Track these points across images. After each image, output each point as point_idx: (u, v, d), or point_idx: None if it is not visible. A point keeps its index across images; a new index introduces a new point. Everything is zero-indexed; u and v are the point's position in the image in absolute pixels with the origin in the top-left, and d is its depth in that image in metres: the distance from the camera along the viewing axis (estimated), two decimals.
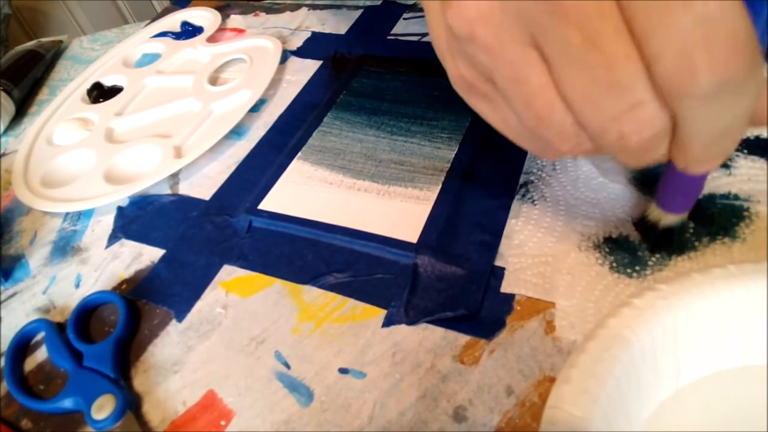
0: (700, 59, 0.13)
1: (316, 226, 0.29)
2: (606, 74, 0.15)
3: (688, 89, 0.14)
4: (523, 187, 0.28)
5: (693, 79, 0.14)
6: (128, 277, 0.29)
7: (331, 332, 0.25)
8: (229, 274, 0.28)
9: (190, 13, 0.49)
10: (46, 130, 0.40)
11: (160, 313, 0.27)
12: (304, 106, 0.37)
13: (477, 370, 0.22)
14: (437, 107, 0.34)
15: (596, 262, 0.24)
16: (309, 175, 0.32)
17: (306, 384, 0.23)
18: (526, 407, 0.21)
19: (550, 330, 0.23)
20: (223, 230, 0.30)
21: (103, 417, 0.23)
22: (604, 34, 0.14)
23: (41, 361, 0.27)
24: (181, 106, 0.39)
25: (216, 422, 0.23)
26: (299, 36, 0.44)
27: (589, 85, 0.15)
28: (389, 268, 0.26)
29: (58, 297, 0.30)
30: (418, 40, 0.41)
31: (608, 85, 0.15)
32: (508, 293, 0.24)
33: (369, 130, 0.34)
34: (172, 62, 0.44)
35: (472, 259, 0.26)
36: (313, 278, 0.27)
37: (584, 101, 0.16)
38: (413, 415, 0.21)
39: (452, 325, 0.24)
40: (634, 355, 0.17)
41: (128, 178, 0.34)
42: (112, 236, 0.32)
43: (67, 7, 0.85)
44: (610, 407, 0.16)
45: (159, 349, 0.26)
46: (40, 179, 0.36)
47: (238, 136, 0.36)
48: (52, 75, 0.49)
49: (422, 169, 0.31)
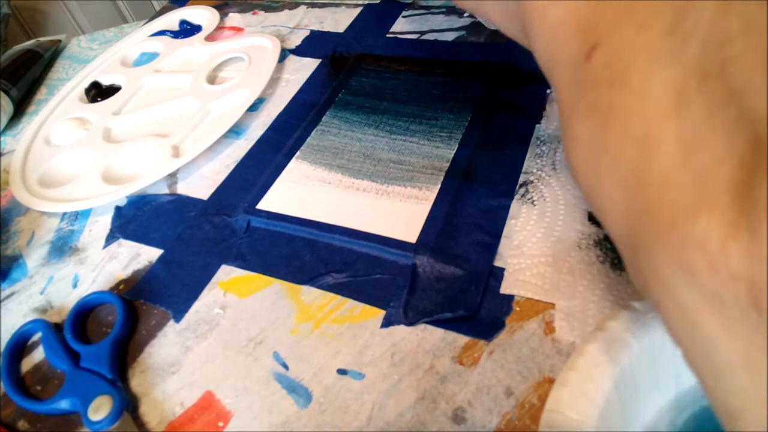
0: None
1: (314, 226, 0.29)
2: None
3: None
4: (523, 186, 0.28)
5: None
6: (126, 278, 0.29)
7: (330, 333, 0.25)
8: (227, 274, 0.28)
9: (188, 11, 0.49)
10: (44, 130, 0.40)
11: (157, 313, 0.27)
12: (302, 105, 0.37)
13: (476, 371, 0.22)
14: (436, 106, 0.34)
15: (597, 259, 0.24)
16: (308, 175, 0.32)
17: (304, 385, 0.23)
18: (525, 409, 0.21)
19: (550, 331, 0.23)
20: (221, 230, 0.30)
21: (100, 418, 0.23)
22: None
23: (38, 362, 0.27)
24: (179, 106, 0.39)
25: (214, 423, 0.23)
26: (298, 34, 0.44)
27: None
28: (388, 269, 0.26)
29: (55, 297, 0.29)
30: (417, 38, 0.40)
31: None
32: (508, 294, 0.24)
33: (368, 129, 0.34)
34: (170, 61, 0.44)
35: (472, 259, 0.26)
36: (311, 278, 0.27)
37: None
38: (412, 416, 0.21)
39: (451, 326, 0.24)
40: (634, 358, 0.17)
41: (126, 178, 0.34)
42: (110, 236, 0.32)
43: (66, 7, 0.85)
44: (609, 411, 0.16)
45: (156, 350, 0.26)
46: (38, 179, 0.36)
47: (237, 136, 0.36)
48: (50, 74, 0.49)
49: (421, 168, 0.30)
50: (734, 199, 0.11)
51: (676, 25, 0.13)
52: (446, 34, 0.40)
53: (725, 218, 0.11)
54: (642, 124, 0.13)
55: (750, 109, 0.11)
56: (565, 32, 0.16)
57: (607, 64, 0.15)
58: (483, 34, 0.39)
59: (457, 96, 0.34)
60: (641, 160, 0.13)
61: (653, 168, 0.13)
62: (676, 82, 0.13)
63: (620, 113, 0.14)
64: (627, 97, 0.14)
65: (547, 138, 0.30)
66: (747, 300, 0.11)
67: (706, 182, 0.12)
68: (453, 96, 0.35)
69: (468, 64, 0.36)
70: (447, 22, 0.41)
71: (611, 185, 0.14)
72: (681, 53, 0.13)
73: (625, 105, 0.14)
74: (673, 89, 0.13)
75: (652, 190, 0.13)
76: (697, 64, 0.13)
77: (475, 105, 0.33)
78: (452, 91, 0.35)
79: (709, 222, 0.12)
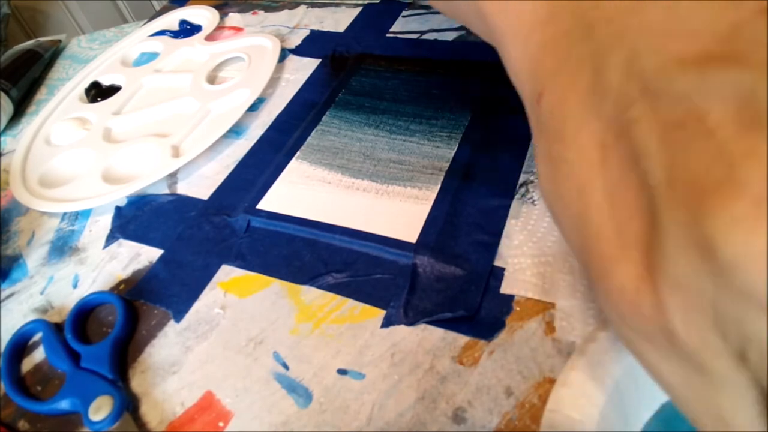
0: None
1: (314, 225, 0.29)
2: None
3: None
4: (523, 186, 0.28)
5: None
6: (126, 278, 0.29)
7: (330, 333, 0.25)
8: (227, 274, 0.28)
9: (188, 11, 0.49)
10: (44, 130, 0.40)
11: (158, 313, 0.27)
12: (302, 105, 0.37)
13: (476, 371, 0.22)
14: (436, 106, 0.34)
15: None
16: (308, 175, 0.32)
17: (304, 385, 0.23)
18: (525, 408, 0.21)
19: (550, 331, 0.23)
20: (221, 230, 0.30)
21: (101, 418, 0.23)
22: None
23: (39, 362, 0.27)
24: (179, 106, 0.39)
25: (214, 423, 0.23)
26: (298, 34, 0.44)
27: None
28: (388, 269, 0.26)
29: (55, 297, 0.29)
30: (417, 37, 0.40)
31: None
32: (508, 294, 0.24)
33: (368, 129, 0.34)
34: (170, 61, 0.44)
35: (472, 259, 0.25)
36: (311, 278, 0.27)
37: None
38: (412, 416, 0.21)
39: (451, 325, 0.24)
40: (634, 358, 0.17)
41: (126, 178, 0.34)
42: (110, 236, 0.32)
43: (66, 7, 0.85)
44: (610, 410, 0.16)
45: (157, 350, 0.26)
46: (38, 179, 0.36)
47: (237, 136, 0.36)
48: (50, 74, 0.49)
49: (421, 168, 0.30)
50: (641, 253, 0.13)
51: (595, 83, 0.14)
52: (446, 33, 0.40)
53: (636, 270, 0.13)
54: (579, 177, 0.15)
55: (648, 174, 0.12)
56: (522, 74, 0.18)
57: (551, 112, 0.16)
58: None
59: (457, 96, 0.34)
60: (580, 209, 0.15)
61: (589, 218, 0.14)
62: (599, 137, 0.14)
63: (564, 165, 0.15)
64: (566, 151, 0.15)
65: None
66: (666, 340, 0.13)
67: (622, 235, 0.13)
68: (453, 96, 0.34)
69: (468, 64, 0.36)
70: (447, 22, 0.41)
71: (565, 226, 0.16)
72: (600, 110, 0.14)
73: (566, 157, 0.15)
74: (598, 144, 0.14)
75: (589, 237, 0.14)
76: (612, 121, 0.14)
77: (475, 105, 0.33)
78: (452, 91, 0.35)
79: (625, 272, 0.13)
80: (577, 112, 0.15)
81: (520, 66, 0.18)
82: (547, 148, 0.16)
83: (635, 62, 0.13)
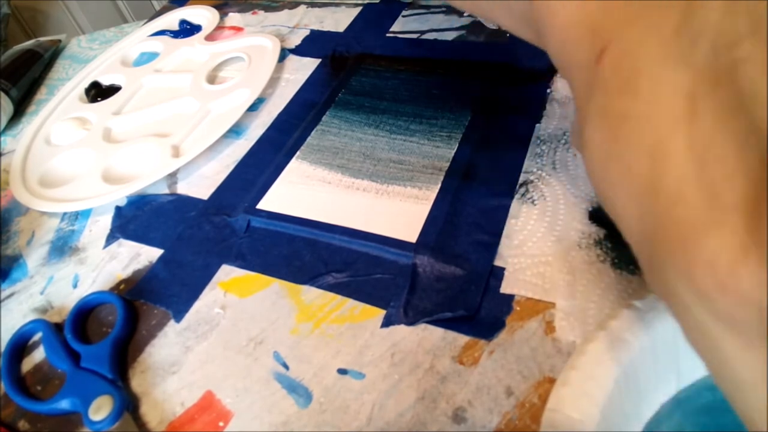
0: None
1: (314, 225, 0.29)
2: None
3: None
4: (523, 186, 0.28)
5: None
6: (126, 278, 0.29)
7: (330, 333, 0.25)
8: (227, 274, 0.28)
9: (188, 11, 0.49)
10: (44, 130, 0.40)
11: (158, 313, 0.27)
12: (302, 105, 0.37)
13: (476, 371, 0.22)
14: (436, 105, 0.34)
15: (597, 259, 0.24)
16: (308, 175, 0.32)
17: (304, 385, 0.23)
18: (525, 408, 0.21)
19: (550, 330, 0.23)
20: (221, 230, 0.30)
21: (101, 418, 0.23)
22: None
23: (39, 362, 0.27)
24: (179, 105, 0.39)
25: (214, 423, 0.23)
26: (298, 34, 0.44)
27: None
28: (388, 268, 0.26)
29: (55, 297, 0.29)
30: (417, 37, 0.40)
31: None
32: (508, 293, 0.24)
33: (368, 129, 0.34)
34: (170, 61, 0.44)
35: (472, 259, 0.25)
36: (311, 278, 0.27)
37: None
38: (412, 416, 0.21)
39: (451, 325, 0.24)
40: (635, 357, 0.17)
41: (126, 178, 0.34)
42: (110, 236, 0.32)
43: (66, 7, 0.85)
44: (610, 410, 0.16)
45: (157, 350, 0.26)
46: (38, 179, 0.36)
47: (237, 136, 0.36)
48: (50, 74, 0.49)
49: (421, 168, 0.30)
50: (745, 218, 0.11)
51: (684, 25, 0.13)
52: (446, 33, 0.40)
53: (736, 239, 0.11)
54: (652, 133, 0.13)
55: (759, 118, 0.11)
56: (576, 33, 0.16)
57: (617, 67, 0.14)
58: (483, 34, 0.39)
59: (457, 96, 0.34)
60: (652, 170, 0.13)
61: (664, 180, 0.12)
62: (687, 87, 0.12)
63: (630, 121, 0.13)
64: (637, 104, 0.13)
65: (547, 137, 0.30)
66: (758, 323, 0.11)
67: (716, 198, 0.11)
68: (453, 96, 0.34)
69: (468, 63, 0.36)
70: (447, 22, 0.41)
71: (624, 194, 0.14)
72: (690, 56, 0.12)
73: (636, 113, 0.13)
74: (683, 94, 0.12)
75: (664, 203, 0.12)
76: (706, 67, 0.12)
77: (475, 105, 0.33)
78: (452, 91, 0.35)
79: (720, 242, 0.11)
80: (655, 61, 0.13)
81: (573, 29, 0.16)
82: (605, 105, 0.14)
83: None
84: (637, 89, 0.13)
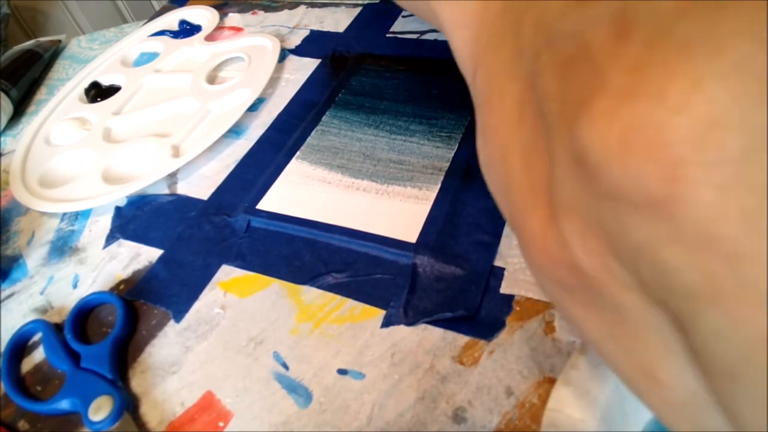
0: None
1: (314, 225, 0.29)
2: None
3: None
4: None
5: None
6: (126, 278, 0.29)
7: (330, 333, 0.25)
8: (227, 274, 0.28)
9: (188, 11, 0.49)
10: (44, 130, 0.40)
11: (158, 313, 0.27)
12: (302, 105, 0.37)
13: (476, 371, 0.22)
14: (436, 106, 0.34)
15: None
16: (308, 175, 0.32)
17: (304, 385, 0.23)
18: (525, 408, 0.21)
19: (550, 330, 0.23)
20: (221, 230, 0.30)
21: (101, 418, 0.23)
22: None
23: (38, 362, 0.27)
24: (179, 106, 0.39)
25: (214, 423, 0.23)
26: (298, 34, 0.44)
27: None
28: (388, 269, 0.26)
29: (55, 297, 0.29)
30: (417, 38, 0.40)
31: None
32: (508, 293, 0.24)
33: (368, 129, 0.34)
34: (170, 61, 0.44)
35: (472, 259, 0.25)
36: (311, 278, 0.27)
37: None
38: (412, 416, 0.21)
39: (451, 325, 0.24)
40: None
41: (126, 178, 0.34)
42: (110, 236, 0.32)
43: (66, 7, 0.85)
44: (611, 409, 0.16)
45: (157, 350, 0.26)
46: (38, 179, 0.36)
47: (237, 136, 0.36)
48: (50, 74, 0.49)
49: (421, 168, 0.30)
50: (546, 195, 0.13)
51: (516, 44, 0.15)
52: None
53: (542, 213, 0.13)
54: (501, 140, 0.15)
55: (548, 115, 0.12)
56: (463, 55, 0.18)
57: (482, 86, 0.16)
58: None
59: (457, 96, 0.34)
60: (504, 171, 0.15)
61: (511, 178, 0.14)
62: (518, 95, 0.14)
63: (489, 131, 0.16)
64: (492, 116, 0.15)
65: None
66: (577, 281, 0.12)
67: (535, 185, 0.13)
68: (453, 96, 0.34)
69: None
70: None
71: (495, 192, 0.16)
72: (519, 69, 0.14)
73: (492, 123, 0.15)
74: (516, 102, 0.14)
75: (513, 197, 0.15)
76: (528, 75, 0.14)
77: None
78: (452, 91, 0.35)
79: (535, 219, 0.13)
80: (502, 78, 0.15)
81: (460, 52, 0.18)
82: (478, 119, 0.16)
83: (543, 15, 0.13)
84: (491, 103, 0.15)
